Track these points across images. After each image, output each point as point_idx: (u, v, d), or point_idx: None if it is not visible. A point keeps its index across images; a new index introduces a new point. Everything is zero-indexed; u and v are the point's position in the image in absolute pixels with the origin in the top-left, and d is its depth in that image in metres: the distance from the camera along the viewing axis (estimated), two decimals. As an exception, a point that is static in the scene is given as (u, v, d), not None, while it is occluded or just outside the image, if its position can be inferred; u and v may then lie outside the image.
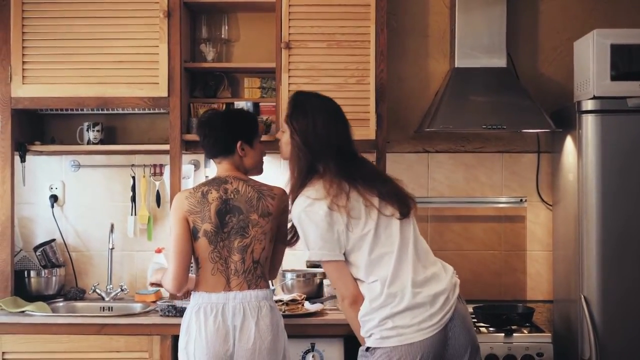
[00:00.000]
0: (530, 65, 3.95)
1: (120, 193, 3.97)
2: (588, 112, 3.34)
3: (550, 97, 3.88)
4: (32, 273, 3.76)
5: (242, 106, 3.75)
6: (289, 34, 3.59)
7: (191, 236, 2.86)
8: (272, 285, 3.07)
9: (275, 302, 2.95)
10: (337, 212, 2.53)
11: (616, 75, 3.35)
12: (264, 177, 3.04)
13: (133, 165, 3.94)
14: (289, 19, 3.59)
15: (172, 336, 3.28)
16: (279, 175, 3.84)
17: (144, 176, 3.93)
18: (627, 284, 3.29)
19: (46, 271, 3.79)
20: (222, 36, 3.92)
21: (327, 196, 2.55)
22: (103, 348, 3.30)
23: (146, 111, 3.82)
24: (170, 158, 3.60)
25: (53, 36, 3.60)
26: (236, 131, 2.94)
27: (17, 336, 3.32)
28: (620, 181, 3.30)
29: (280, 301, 3.27)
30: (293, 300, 3.34)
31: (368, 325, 2.55)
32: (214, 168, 3.89)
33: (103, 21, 3.59)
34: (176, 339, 3.28)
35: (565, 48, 3.90)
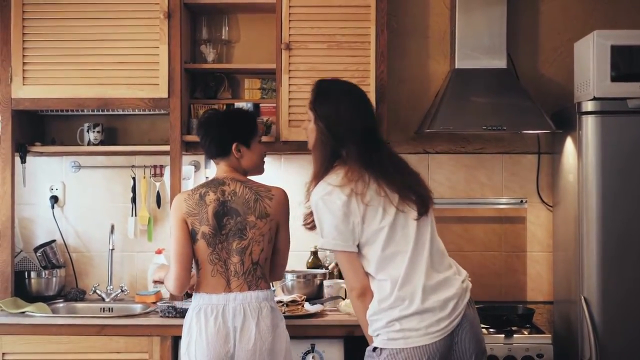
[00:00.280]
0: (530, 66, 3.96)
1: (120, 194, 3.97)
2: (588, 113, 3.34)
3: (550, 98, 3.88)
4: (33, 274, 3.76)
5: (243, 107, 3.73)
6: (289, 35, 3.59)
7: (191, 238, 2.86)
8: (273, 286, 3.06)
9: (276, 303, 2.95)
10: (355, 202, 2.50)
11: (616, 76, 3.35)
12: (264, 178, 3.04)
13: (133, 166, 3.94)
14: (289, 20, 3.59)
15: (172, 337, 3.28)
16: (279, 175, 3.87)
17: (144, 177, 3.93)
18: (627, 285, 3.28)
19: (46, 272, 3.79)
20: (223, 37, 3.92)
21: (348, 183, 2.51)
22: (103, 349, 3.30)
23: (146, 112, 3.83)
24: (170, 159, 3.60)
25: (53, 37, 3.61)
26: (232, 132, 2.92)
27: (17, 337, 3.32)
28: (620, 182, 3.30)
29: (280, 302, 3.26)
30: (293, 301, 3.34)
31: (375, 325, 2.54)
32: (215, 169, 3.92)
33: (103, 22, 3.60)
34: (176, 340, 3.29)
35: (565, 49, 3.90)
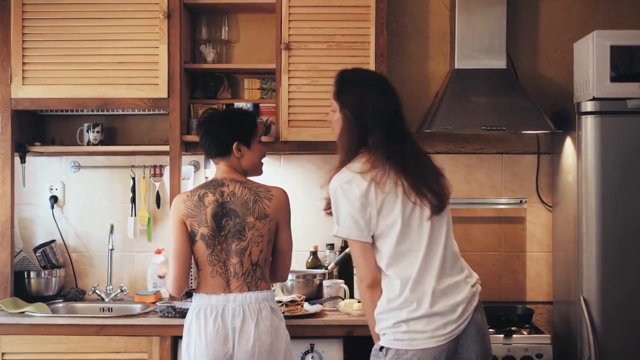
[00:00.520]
0: (530, 66, 3.96)
1: (120, 194, 3.97)
2: (588, 114, 3.34)
3: (550, 99, 3.88)
4: (32, 274, 3.76)
5: (242, 107, 3.73)
6: (289, 35, 3.59)
7: (190, 240, 2.86)
8: (272, 286, 3.05)
9: (276, 304, 2.95)
10: (374, 192, 2.47)
11: (616, 76, 3.36)
12: (264, 178, 3.04)
13: (133, 166, 3.94)
14: (289, 20, 3.59)
15: (172, 337, 3.28)
16: (279, 174, 3.87)
17: (144, 177, 3.93)
18: (627, 285, 3.28)
19: (46, 272, 3.79)
20: (222, 37, 3.92)
21: (370, 170, 2.49)
22: (103, 349, 3.30)
23: (146, 112, 3.83)
24: (170, 159, 3.60)
25: (53, 37, 3.61)
26: (233, 132, 2.92)
27: (17, 337, 3.32)
28: (619, 182, 3.30)
29: (279, 302, 3.26)
30: (292, 301, 3.34)
31: (382, 324, 2.52)
32: (214, 169, 3.92)
33: (103, 22, 3.60)
34: (175, 340, 3.29)
35: (565, 49, 3.90)
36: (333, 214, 2.57)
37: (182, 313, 3.29)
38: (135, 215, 3.93)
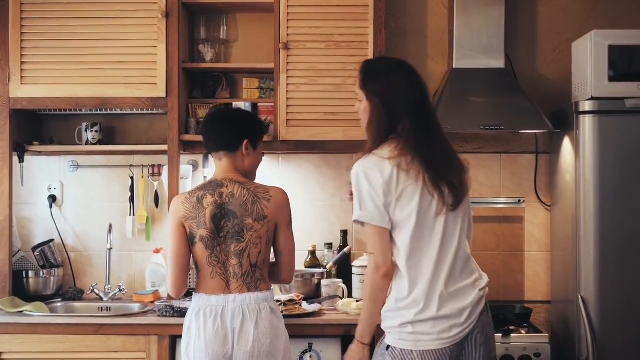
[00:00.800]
0: (528, 66, 3.96)
1: (118, 193, 3.97)
2: (586, 113, 3.34)
3: (548, 98, 3.88)
4: (31, 273, 3.76)
5: (241, 106, 3.74)
6: (288, 35, 3.60)
7: (188, 241, 2.85)
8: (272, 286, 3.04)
9: (276, 305, 2.94)
10: (396, 179, 2.44)
11: (614, 76, 3.36)
12: (264, 177, 3.03)
13: (131, 165, 3.94)
14: (288, 20, 3.59)
15: (170, 336, 3.29)
16: (278, 174, 3.87)
17: (143, 176, 3.93)
18: (625, 285, 3.29)
19: (44, 271, 3.79)
20: (221, 37, 3.92)
21: (398, 157, 2.46)
22: (101, 348, 3.30)
23: (145, 111, 3.83)
24: (168, 158, 3.60)
25: (51, 36, 3.61)
26: (245, 129, 2.93)
27: (15, 336, 3.33)
28: (617, 182, 3.30)
29: (278, 301, 3.26)
30: (291, 300, 3.34)
31: (388, 322, 2.52)
32: (212, 168, 3.92)
33: (101, 22, 3.60)
34: (174, 339, 3.30)
35: (563, 49, 3.90)
36: (354, 199, 2.52)
37: (181, 312, 3.29)
38: (133, 214, 3.93)
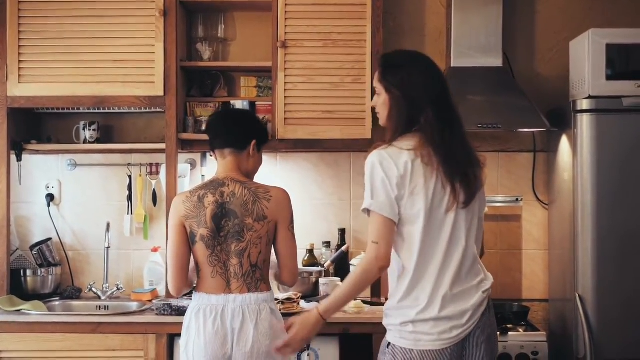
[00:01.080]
0: (526, 64, 3.96)
1: (116, 192, 3.97)
2: (583, 112, 3.34)
3: (546, 97, 3.88)
4: (29, 272, 3.76)
5: (239, 105, 3.75)
6: (285, 33, 3.59)
7: (188, 241, 2.85)
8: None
9: (277, 305, 2.92)
10: (410, 172, 2.41)
11: (612, 74, 3.36)
12: (262, 176, 3.03)
13: (129, 164, 3.94)
14: (285, 18, 3.59)
15: (168, 335, 3.29)
16: (276, 172, 3.87)
17: (141, 175, 3.93)
18: (622, 283, 3.29)
19: (42, 270, 3.79)
20: (219, 35, 3.92)
21: (416, 149, 2.43)
22: (99, 347, 3.31)
23: (142, 110, 3.83)
24: (166, 157, 3.61)
25: (49, 35, 3.61)
26: (254, 130, 2.95)
27: (13, 335, 3.33)
28: (615, 180, 3.31)
29: (276, 300, 3.26)
30: (289, 299, 3.34)
31: (389, 320, 2.50)
32: (210, 167, 3.93)
33: (99, 20, 3.60)
34: (172, 338, 3.30)
35: (561, 48, 3.90)
36: (366, 188, 2.48)
37: (179, 311, 3.29)
38: (131, 213, 3.93)
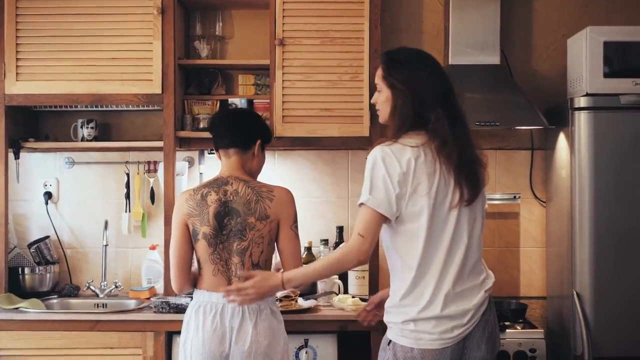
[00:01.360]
0: (523, 62, 3.96)
1: (114, 190, 3.97)
2: (581, 109, 3.35)
3: (543, 94, 3.89)
4: (26, 270, 3.76)
5: (237, 103, 3.75)
6: (283, 31, 3.59)
7: (190, 240, 2.86)
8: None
9: (278, 307, 2.92)
10: (413, 170, 2.39)
11: (609, 72, 3.37)
12: (261, 174, 3.03)
13: (127, 162, 3.94)
14: (283, 16, 3.59)
15: (166, 332, 3.29)
16: (274, 170, 3.88)
17: (138, 173, 3.93)
18: (620, 280, 3.30)
19: (40, 268, 3.79)
20: (216, 33, 3.93)
21: (426, 145, 2.42)
22: (97, 344, 3.31)
23: (140, 108, 3.83)
24: (164, 155, 3.61)
25: (47, 33, 3.61)
26: (258, 130, 2.96)
27: (11, 333, 3.33)
28: (612, 178, 3.31)
29: (273, 297, 3.27)
30: (287, 296, 3.34)
31: (391, 317, 2.50)
32: (209, 165, 3.93)
33: (97, 18, 3.60)
34: (170, 336, 3.30)
35: (559, 45, 3.91)
36: (365, 182, 2.46)
37: (177, 308, 3.29)
38: (129, 211, 3.93)
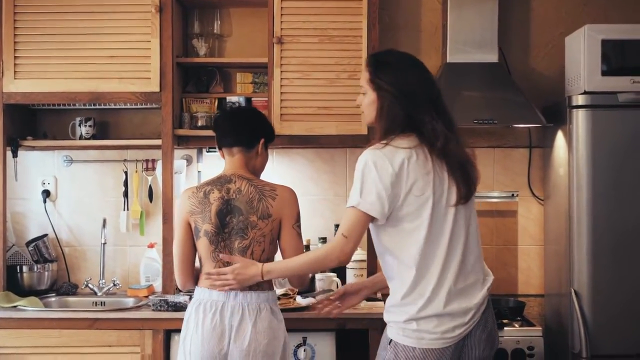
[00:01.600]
0: (522, 60, 3.97)
1: (112, 188, 3.97)
2: (579, 107, 3.35)
3: (541, 92, 3.89)
4: (25, 268, 3.76)
5: (235, 101, 3.74)
6: (281, 29, 3.59)
7: (193, 238, 2.86)
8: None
9: (278, 306, 2.91)
10: (406, 171, 2.40)
11: (607, 70, 3.37)
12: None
13: (125, 160, 3.94)
14: (281, 14, 3.59)
15: (164, 330, 3.29)
16: (272, 168, 3.88)
17: (137, 171, 3.93)
18: (617, 278, 3.30)
19: (39, 266, 3.79)
20: (214, 31, 3.92)
21: (417, 147, 2.42)
22: (95, 342, 3.31)
23: (138, 106, 3.82)
24: (162, 153, 3.60)
25: (45, 31, 3.60)
26: (263, 128, 2.96)
27: (10, 331, 3.33)
28: (610, 176, 3.31)
29: (272, 295, 3.27)
30: (285, 294, 3.34)
31: (393, 317, 2.49)
32: (207, 163, 3.94)
33: (95, 16, 3.59)
34: (168, 334, 3.30)
35: (557, 43, 3.91)
36: (354, 185, 2.46)
37: (175, 306, 3.29)
38: (127, 209, 3.93)
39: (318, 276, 3.62)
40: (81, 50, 3.60)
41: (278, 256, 2.93)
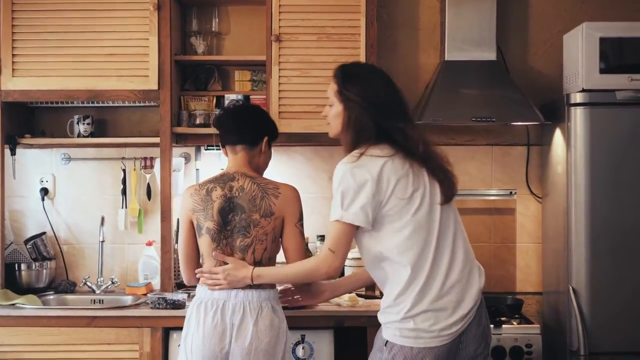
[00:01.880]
0: (520, 58, 3.97)
1: (110, 186, 3.97)
2: (577, 105, 3.35)
3: (539, 90, 3.89)
4: (23, 266, 3.76)
5: (233, 99, 3.75)
6: (280, 27, 3.59)
7: (196, 236, 2.87)
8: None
9: (279, 304, 2.90)
10: (387, 177, 2.43)
11: (605, 68, 3.37)
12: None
13: (124, 158, 3.94)
14: (280, 12, 3.59)
15: (163, 328, 3.29)
16: (270, 166, 3.87)
17: (135, 169, 3.93)
18: (615, 276, 3.30)
19: (37, 264, 3.79)
20: (213, 29, 3.92)
21: (393, 155, 2.46)
22: (94, 340, 3.30)
23: (137, 104, 3.82)
24: (160, 151, 3.60)
25: (43, 29, 3.60)
26: (266, 126, 2.96)
27: (8, 329, 3.32)
28: (608, 174, 3.32)
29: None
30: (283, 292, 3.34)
31: (389, 317, 2.50)
32: (205, 161, 3.94)
33: (93, 14, 3.59)
34: (167, 331, 3.30)
35: (555, 41, 3.91)
36: (335, 198, 2.48)
37: (174, 304, 3.29)
38: (126, 207, 3.93)
39: (316, 274, 3.62)
40: (79, 48, 3.59)
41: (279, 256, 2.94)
